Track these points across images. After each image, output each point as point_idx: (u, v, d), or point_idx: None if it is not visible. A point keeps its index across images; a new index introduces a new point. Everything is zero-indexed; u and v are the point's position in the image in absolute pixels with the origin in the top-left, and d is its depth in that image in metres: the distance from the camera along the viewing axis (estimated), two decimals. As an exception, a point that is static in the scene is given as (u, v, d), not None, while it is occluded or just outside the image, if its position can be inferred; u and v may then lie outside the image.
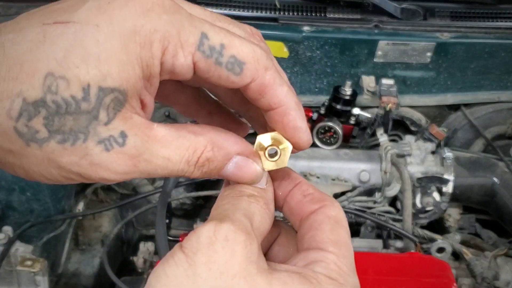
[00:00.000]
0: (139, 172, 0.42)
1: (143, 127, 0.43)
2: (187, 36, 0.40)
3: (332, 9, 1.74)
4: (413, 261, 1.29)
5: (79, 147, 0.39)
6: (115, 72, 0.39)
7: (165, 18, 0.40)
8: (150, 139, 0.43)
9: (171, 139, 0.44)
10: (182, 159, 0.43)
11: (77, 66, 0.38)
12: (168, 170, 0.43)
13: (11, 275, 1.35)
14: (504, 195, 1.58)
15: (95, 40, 0.38)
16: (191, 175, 0.44)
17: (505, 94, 1.80)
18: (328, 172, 1.56)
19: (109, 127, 0.40)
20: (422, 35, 1.70)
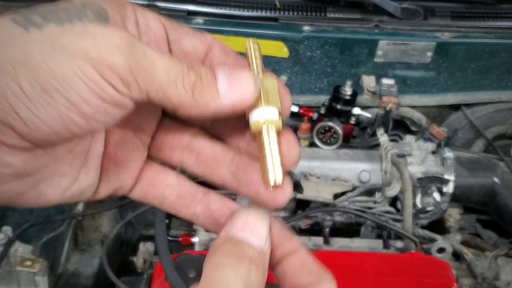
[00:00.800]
0: (140, 53, 0.38)
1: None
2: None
3: (332, 9, 1.74)
4: (413, 261, 1.30)
5: (78, 26, 0.37)
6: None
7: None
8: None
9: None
10: (176, 71, 0.40)
11: None
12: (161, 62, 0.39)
13: (10, 275, 1.34)
14: (504, 195, 1.58)
15: None
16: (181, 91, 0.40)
17: (506, 94, 1.80)
18: (328, 172, 1.56)
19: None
20: (423, 35, 1.70)
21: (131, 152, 0.46)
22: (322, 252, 1.34)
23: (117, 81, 0.37)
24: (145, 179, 0.47)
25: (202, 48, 0.46)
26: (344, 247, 1.44)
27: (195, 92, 0.39)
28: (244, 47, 0.46)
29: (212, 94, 0.40)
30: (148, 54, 0.38)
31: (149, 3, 1.69)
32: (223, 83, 0.40)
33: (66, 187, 0.43)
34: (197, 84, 0.40)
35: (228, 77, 0.41)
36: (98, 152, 0.45)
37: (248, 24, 1.69)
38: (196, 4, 1.71)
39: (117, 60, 0.37)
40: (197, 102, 0.40)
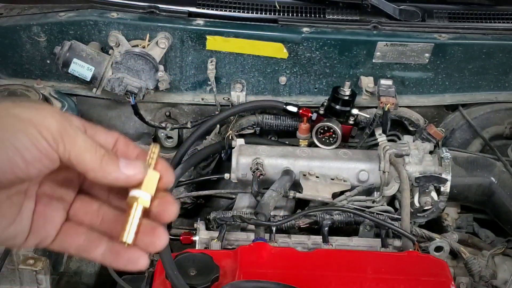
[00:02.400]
0: (67, 123, 0.55)
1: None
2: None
3: (331, 10, 1.75)
4: (411, 260, 1.31)
5: (25, 103, 0.56)
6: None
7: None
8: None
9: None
10: (92, 144, 0.57)
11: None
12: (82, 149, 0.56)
13: (13, 273, 1.36)
14: (501, 195, 1.59)
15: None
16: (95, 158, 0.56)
17: (503, 95, 1.81)
18: (327, 171, 1.57)
19: None
20: (420, 36, 1.71)
21: (56, 212, 0.61)
22: (321, 250, 1.35)
23: (49, 137, 0.53)
24: (63, 233, 0.61)
25: (111, 140, 0.61)
26: (342, 245, 1.45)
27: (103, 161, 0.56)
28: (243, 48, 0.54)
29: (114, 165, 0.57)
30: (73, 127, 0.56)
31: (150, 5, 1.71)
32: (123, 163, 0.57)
33: (4, 227, 0.57)
34: (105, 157, 0.56)
35: (127, 160, 0.58)
36: (30, 207, 0.59)
37: (248, 25, 1.70)
38: (197, 6, 1.73)
39: (51, 123, 0.54)
40: (103, 169, 0.56)
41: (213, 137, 1.75)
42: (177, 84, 1.74)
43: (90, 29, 1.66)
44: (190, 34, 1.66)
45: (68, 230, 0.61)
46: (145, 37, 1.65)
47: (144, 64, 1.60)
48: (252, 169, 1.54)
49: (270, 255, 1.27)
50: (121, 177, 0.57)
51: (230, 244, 1.45)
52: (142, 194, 0.58)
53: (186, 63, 1.71)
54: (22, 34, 1.67)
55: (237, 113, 1.73)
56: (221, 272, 1.20)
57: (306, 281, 1.20)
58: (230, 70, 1.72)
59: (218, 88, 1.73)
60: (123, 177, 0.57)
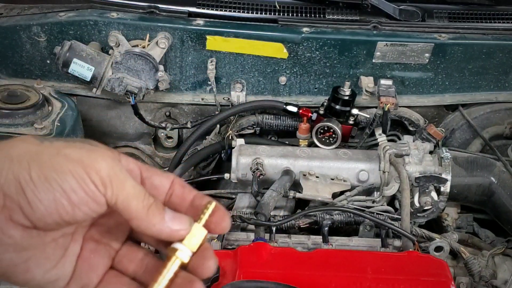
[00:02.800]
0: (118, 167, 0.55)
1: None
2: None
3: (331, 10, 1.76)
4: (411, 260, 1.30)
5: (78, 143, 0.55)
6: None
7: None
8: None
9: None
10: (141, 191, 0.56)
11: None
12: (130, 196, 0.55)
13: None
14: (501, 195, 1.59)
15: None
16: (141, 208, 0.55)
17: (503, 95, 1.81)
18: (327, 171, 1.57)
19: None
20: (420, 36, 1.71)
21: (101, 259, 0.60)
22: (321, 250, 1.35)
23: (98, 181, 0.52)
24: (105, 281, 0.60)
25: (167, 183, 0.60)
26: (342, 245, 1.45)
27: (149, 210, 0.55)
28: (243, 48, 0.54)
29: (160, 217, 0.55)
30: (123, 171, 0.55)
31: (150, 5, 1.71)
32: (169, 215, 0.56)
33: (47, 269, 0.56)
34: (152, 207, 0.55)
35: (174, 214, 0.56)
36: (75, 251, 0.58)
37: (248, 25, 1.70)
38: (197, 6, 1.73)
39: (102, 166, 0.53)
40: (149, 219, 0.55)
41: (213, 137, 1.75)
42: (177, 84, 1.74)
43: (90, 29, 1.66)
44: (190, 34, 1.66)
45: (110, 280, 0.60)
46: (145, 37, 1.65)
47: (144, 64, 1.60)
48: (252, 169, 1.54)
49: (270, 255, 1.27)
50: (165, 230, 0.55)
51: (230, 244, 1.45)
52: (183, 249, 0.56)
53: (186, 63, 1.71)
54: (22, 34, 1.67)
55: (237, 113, 1.73)
56: (221, 272, 1.20)
57: (306, 281, 1.20)
58: (230, 70, 1.72)
59: (218, 88, 1.73)
60: (167, 230, 0.55)
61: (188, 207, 0.59)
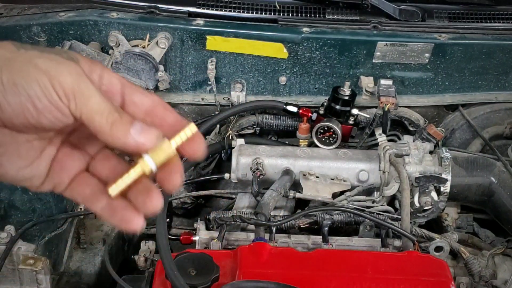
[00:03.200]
0: (84, 83, 0.56)
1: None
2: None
3: (331, 10, 1.76)
4: (411, 259, 1.31)
5: (51, 56, 0.57)
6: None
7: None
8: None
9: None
10: (106, 107, 0.56)
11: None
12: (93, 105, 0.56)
13: (13, 273, 1.36)
14: (501, 195, 1.59)
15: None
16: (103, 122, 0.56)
17: (503, 95, 1.81)
18: (327, 171, 1.57)
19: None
20: (420, 36, 1.71)
21: (74, 161, 0.63)
22: (321, 250, 1.35)
23: (61, 92, 0.55)
24: (75, 182, 0.63)
25: (147, 102, 0.61)
26: (343, 245, 1.45)
27: (113, 126, 0.56)
28: (243, 48, 0.54)
29: (124, 131, 0.56)
30: (90, 87, 0.56)
31: (150, 5, 1.71)
32: (136, 129, 0.57)
33: (20, 167, 0.60)
34: (116, 121, 0.56)
35: (142, 127, 0.57)
36: (50, 153, 0.62)
37: (248, 25, 1.70)
38: (197, 6, 1.73)
39: (65, 79, 0.55)
40: (112, 133, 0.56)
41: (213, 137, 1.75)
42: (177, 84, 1.74)
43: (90, 29, 1.66)
44: (190, 34, 1.66)
45: (80, 180, 0.63)
46: (145, 37, 1.65)
47: (144, 64, 1.60)
48: (252, 169, 1.55)
49: (270, 255, 1.27)
50: (130, 143, 0.57)
51: (230, 244, 1.45)
52: (147, 159, 0.58)
53: (186, 63, 1.71)
54: (22, 34, 1.67)
55: (237, 113, 1.73)
56: (221, 272, 1.20)
57: (306, 281, 1.20)
58: (230, 70, 1.72)
59: (218, 88, 1.73)
60: (132, 143, 0.57)
61: (168, 128, 0.60)
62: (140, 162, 0.58)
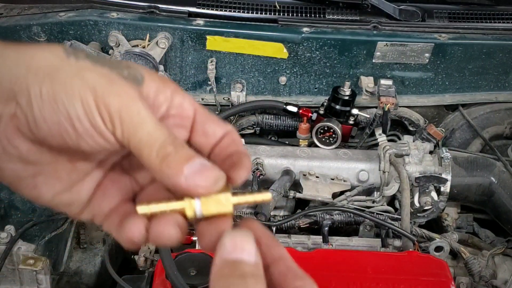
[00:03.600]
0: (135, 108, 0.48)
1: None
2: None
3: (331, 11, 1.76)
4: (411, 259, 1.31)
5: (104, 70, 0.48)
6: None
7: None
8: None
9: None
10: (158, 138, 0.48)
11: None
12: (144, 137, 0.48)
13: (13, 273, 1.36)
14: (501, 195, 1.59)
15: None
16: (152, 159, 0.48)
17: (503, 95, 1.81)
18: (327, 171, 1.57)
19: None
20: (420, 36, 1.71)
21: (118, 190, 0.54)
22: (321, 250, 1.35)
23: (106, 116, 0.47)
24: (115, 212, 0.54)
25: (220, 133, 0.53)
26: (343, 245, 1.45)
27: (163, 161, 0.47)
28: (243, 48, 0.52)
29: (176, 169, 0.47)
30: (142, 113, 0.48)
31: (150, 5, 1.71)
32: (192, 169, 0.47)
33: (58, 191, 0.52)
34: (169, 157, 0.47)
35: (201, 166, 0.48)
36: (95, 178, 0.53)
37: (248, 25, 1.70)
38: (197, 6, 1.73)
39: (113, 101, 0.47)
40: (162, 170, 0.47)
41: (213, 137, 1.74)
42: (177, 84, 1.74)
43: (90, 29, 1.66)
44: (190, 34, 1.66)
45: (119, 210, 0.54)
46: (145, 37, 1.65)
47: (144, 64, 1.60)
48: (252, 169, 1.55)
49: (270, 255, 1.26)
50: (181, 184, 0.47)
51: (230, 244, 1.44)
52: (196, 205, 0.49)
53: (186, 63, 1.71)
54: (22, 34, 1.67)
55: (237, 113, 1.73)
56: (221, 272, 1.20)
57: (306, 281, 1.20)
58: (230, 70, 1.72)
59: (218, 88, 1.73)
60: (184, 185, 0.47)
61: (225, 158, 0.52)
62: (186, 201, 0.49)
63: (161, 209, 0.50)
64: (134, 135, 0.47)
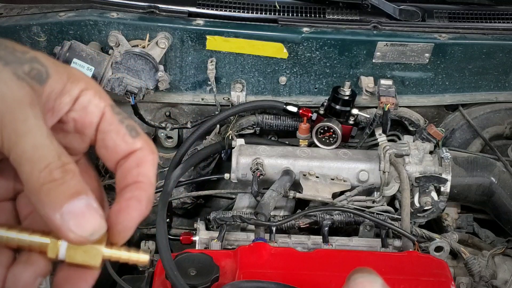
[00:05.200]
0: (21, 114, 0.40)
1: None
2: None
3: (331, 10, 1.76)
4: (411, 260, 1.31)
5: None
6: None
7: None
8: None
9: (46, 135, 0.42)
10: (45, 156, 0.40)
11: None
12: (28, 156, 0.40)
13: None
14: (501, 195, 1.59)
15: None
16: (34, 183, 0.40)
17: (503, 95, 1.81)
18: (327, 171, 1.57)
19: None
20: (421, 36, 1.71)
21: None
22: (321, 250, 1.35)
23: None
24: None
25: (123, 150, 0.45)
26: (343, 246, 1.45)
27: (43, 188, 0.39)
28: (243, 48, 0.50)
29: (54, 205, 0.39)
30: (30, 122, 0.40)
31: (150, 5, 1.71)
32: (72, 208, 0.40)
33: None
34: (51, 186, 0.39)
35: (84, 209, 0.40)
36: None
37: (248, 25, 1.70)
38: (197, 6, 1.73)
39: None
40: (38, 197, 0.40)
41: (213, 137, 1.75)
42: (177, 84, 1.74)
43: (90, 29, 1.66)
44: (190, 34, 1.66)
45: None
46: (145, 37, 1.65)
47: (144, 64, 1.60)
48: (252, 169, 1.54)
49: (270, 255, 1.27)
50: (54, 221, 0.40)
51: (230, 244, 1.45)
52: (61, 248, 0.43)
53: (186, 63, 1.71)
54: (22, 34, 1.67)
55: (237, 113, 1.73)
56: (221, 272, 1.20)
57: (306, 281, 1.20)
58: (230, 70, 1.72)
59: (218, 88, 1.73)
60: (57, 223, 0.40)
61: (121, 189, 0.45)
62: (51, 240, 0.43)
63: (20, 239, 0.43)
64: (15, 145, 0.40)
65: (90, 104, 0.45)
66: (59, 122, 0.45)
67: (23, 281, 0.42)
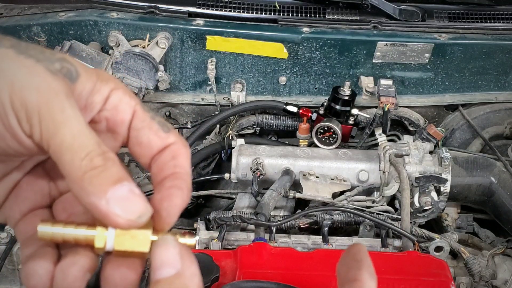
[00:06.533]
0: (58, 105, 0.40)
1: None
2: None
3: (331, 10, 1.76)
4: (411, 259, 1.30)
5: (29, 62, 0.41)
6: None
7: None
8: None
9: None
10: (85, 144, 0.40)
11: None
12: (65, 146, 0.39)
13: (13, 273, 1.36)
14: (501, 195, 1.59)
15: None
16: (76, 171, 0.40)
17: (503, 95, 1.81)
18: (327, 171, 1.57)
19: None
20: (420, 36, 1.71)
21: (33, 194, 0.47)
22: (321, 250, 1.35)
23: (22, 115, 0.39)
24: (25, 219, 0.47)
25: (157, 145, 0.45)
26: (342, 245, 1.45)
27: (86, 175, 0.39)
28: (243, 48, 0.50)
29: (98, 191, 0.39)
30: (67, 111, 0.39)
31: (150, 5, 1.71)
32: (117, 193, 0.40)
33: None
34: (94, 173, 0.39)
35: (128, 194, 0.40)
36: (14, 179, 0.46)
37: (248, 25, 1.70)
38: (197, 6, 1.73)
39: (31, 97, 0.39)
40: (82, 185, 0.39)
41: (213, 137, 1.75)
42: (177, 84, 1.74)
43: (90, 29, 1.66)
44: (190, 34, 1.66)
45: (31, 218, 0.47)
46: (145, 37, 1.65)
47: (144, 64, 1.60)
48: (252, 169, 1.55)
49: (270, 255, 1.27)
50: (100, 209, 0.40)
51: (230, 244, 1.45)
52: (108, 237, 0.42)
53: (186, 63, 1.71)
54: (22, 34, 1.67)
55: (237, 113, 1.73)
56: (221, 272, 1.20)
57: (306, 281, 1.20)
58: (230, 70, 1.72)
59: (218, 88, 1.73)
60: (103, 210, 0.40)
61: (160, 181, 0.45)
62: (98, 230, 0.42)
63: (65, 233, 0.43)
64: (54, 135, 0.39)
65: (121, 102, 0.45)
66: (91, 122, 0.45)
67: (72, 276, 0.42)
